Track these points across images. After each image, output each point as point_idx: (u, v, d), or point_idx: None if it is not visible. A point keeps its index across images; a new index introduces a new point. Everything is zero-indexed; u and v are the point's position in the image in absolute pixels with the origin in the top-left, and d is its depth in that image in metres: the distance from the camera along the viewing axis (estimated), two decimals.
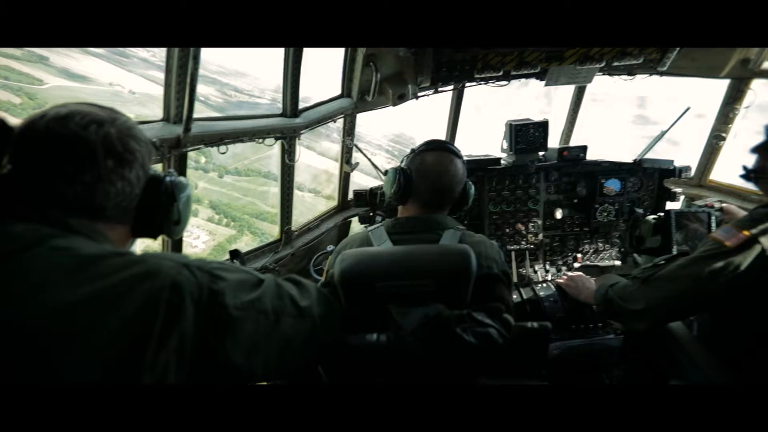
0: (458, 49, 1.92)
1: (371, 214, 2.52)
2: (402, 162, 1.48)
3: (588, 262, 2.66)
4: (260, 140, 1.98)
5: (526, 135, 2.35)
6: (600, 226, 2.56)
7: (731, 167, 1.57)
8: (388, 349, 1.03)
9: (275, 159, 2.32)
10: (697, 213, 2.02)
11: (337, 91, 2.35)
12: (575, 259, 2.65)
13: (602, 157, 2.48)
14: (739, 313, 1.39)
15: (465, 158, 2.57)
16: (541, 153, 2.47)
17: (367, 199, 2.36)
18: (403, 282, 1.06)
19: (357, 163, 2.74)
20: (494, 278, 1.26)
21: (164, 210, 0.86)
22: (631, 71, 2.23)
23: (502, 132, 2.53)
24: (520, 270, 2.58)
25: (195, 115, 1.62)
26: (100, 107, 0.79)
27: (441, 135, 3.03)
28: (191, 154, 1.74)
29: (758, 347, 1.34)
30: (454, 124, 2.84)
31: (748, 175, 1.49)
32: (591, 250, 2.65)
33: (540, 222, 2.59)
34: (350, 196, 2.72)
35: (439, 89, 2.41)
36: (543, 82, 2.22)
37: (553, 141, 2.87)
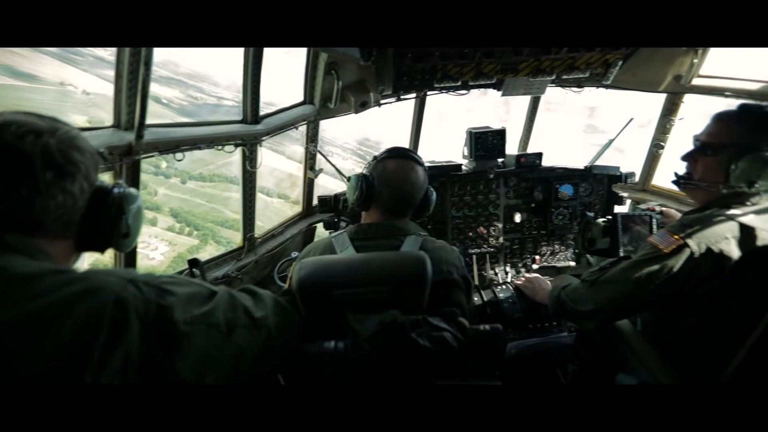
0: (417, 60, 1.98)
1: (336, 219, 2.53)
2: (364, 169, 1.50)
3: (546, 263, 2.78)
4: (219, 147, 1.95)
5: (485, 142, 2.44)
6: (556, 229, 2.69)
7: (670, 173, 1.71)
8: (345, 357, 1.05)
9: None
10: (640, 216, 2.18)
11: (300, 98, 2.36)
12: (534, 261, 2.77)
13: (556, 164, 2.62)
14: (673, 309, 1.52)
15: (428, 164, 2.63)
16: (500, 159, 2.57)
17: (332, 205, 2.37)
18: (360, 289, 1.08)
19: (321, 169, 2.74)
20: (452, 283, 1.30)
21: (111, 223, 0.83)
22: (579, 84, 2.37)
23: (464, 139, 2.61)
24: (482, 273, 2.66)
25: (151, 121, 1.58)
26: (40, 116, 0.75)
27: (408, 139, 3.09)
28: (150, 159, 1.69)
29: (689, 340, 1.47)
30: (417, 131, 2.90)
31: (678, 181, 1.63)
32: (548, 252, 2.78)
33: (500, 226, 2.69)
34: (315, 201, 2.72)
35: (402, 97, 2.46)
36: (500, 92, 2.32)
37: (512, 148, 3.00)
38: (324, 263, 1.14)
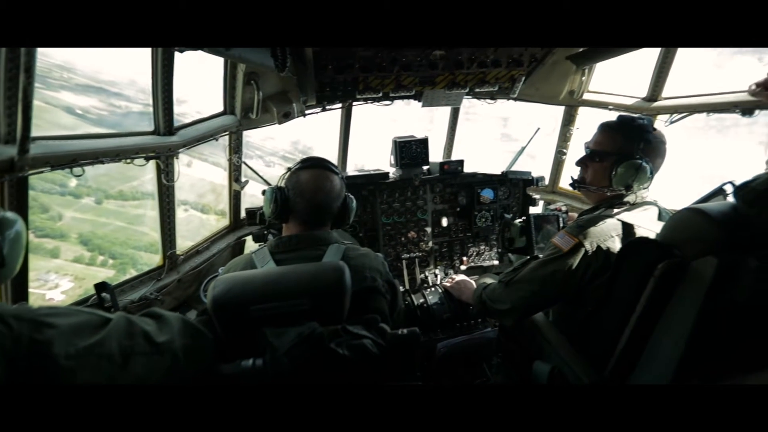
0: (338, 71, 2.01)
1: (266, 232, 2.46)
2: (280, 180, 1.49)
3: (473, 264, 2.95)
4: (128, 161, 1.80)
5: (409, 151, 2.54)
6: (480, 231, 2.87)
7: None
8: (264, 373, 1.02)
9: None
10: (549, 216, 2.41)
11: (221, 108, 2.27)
12: (461, 262, 2.92)
13: (477, 170, 2.80)
14: (574, 301, 1.70)
15: (356, 173, 2.68)
16: (425, 167, 2.69)
17: (260, 217, 2.31)
18: (278, 303, 1.06)
19: (247, 181, 2.65)
20: (373, 291, 1.34)
21: None
22: (492, 96, 2.58)
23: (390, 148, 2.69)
24: (413, 277, 2.75)
25: (44, 133, 1.42)
26: None
27: (337, 149, 3.10)
28: (55, 176, 1.51)
29: (587, 326, 1.65)
30: (345, 140, 2.93)
31: (573, 184, 1.84)
32: (474, 253, 2.95)
33: (429, 230, 2.80)
34: (243, 214, 2.63)
35: (327, 108, 2.48)
36: (421, 103, 2.44)
37: (437, 155, 3.16)
38: (240, 279, 1.11)
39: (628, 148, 1.62)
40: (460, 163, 2.70)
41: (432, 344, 2.23)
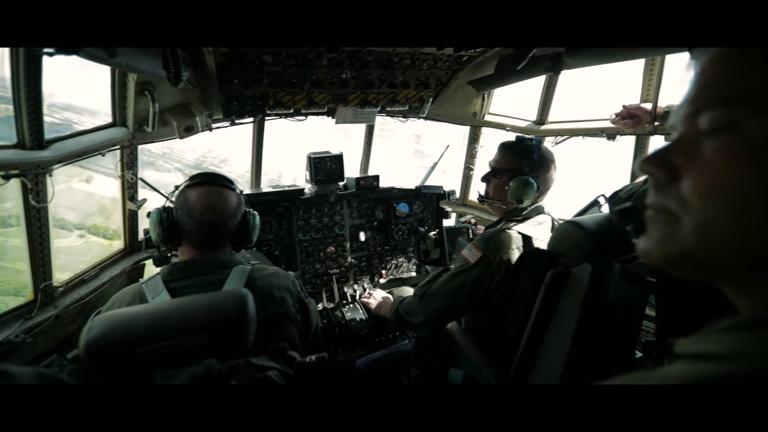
0: (246, 86, 1.93)
1: (169, 254, 2.24)
2: (168, 200, 1.37)
3: (392, 276, 3.00)
4: None
5: (324, 167, 2.53)
6: (397, 244, 2.95)
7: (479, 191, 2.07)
8: None
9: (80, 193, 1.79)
10: (460, 228, 2.56)
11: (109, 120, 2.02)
12: (381, 276, 2.96)
13: (393, 185, 2.88)
14: (482, 310, 1.82)
15: (271, 189, 2.57)
16: (341, 183, 2.69)
17: (147, 242, 2.09)
18: (171, 342, 0.96)
19: (145, 200, 2.39)
20: (282, 316, 1.28)
21: None
22: (404, 114, 2.69)
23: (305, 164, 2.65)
24: (332, 293, 2.71)
25: None
26: None
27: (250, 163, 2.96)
28: None
29: (493, 333, 1.78)
30: (258, 155, 2.81)
31: (480, 198, 2.00)
32: (393, 266, 3.01)
33: (348, 245, 2.80)
34: (142, 235, 2.36)
35: (236, 122, 2.36)
36: (334, 120, 2.44)
37: (354, 171, 3.19)
38: (122, 318, 0.98)
39: (518, 165, 1.80)
40: (376, 178, 2.75)
41: (351, 362, 2.21)
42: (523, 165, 1.79)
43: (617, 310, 1.50)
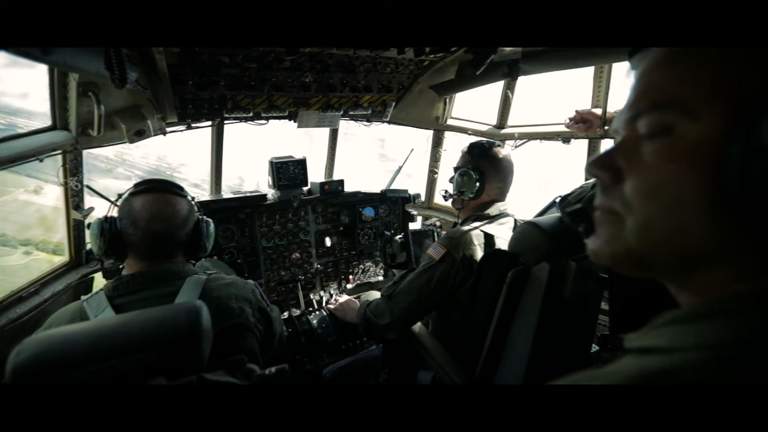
0: (202, 88, 1.85)
1: (121, 266, 2.10)
2: (110, 209, 1.29)
3: (359, 281, 2.98)
4: None
5: (287, 172, 2.47)
6: (364, 249, 2.92)
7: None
8: None
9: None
10: (426, 231, 2.58)
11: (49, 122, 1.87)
12: (348, 281, 2.93)
13: (358, 189, 2.86)
14: (448, 310, 1.84)
15: (232, 195, 2.48)
16: (305, 188, 2.64)
17: (86, 256, 1.95)
18: (112, 362, 0.89)
19: (92, 208, 2.23)
20: (240, 327, 1.23)
21: None
22: (368, 119, 2.68)
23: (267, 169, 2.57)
24: (297, 301, 2.64)
25: None
26: None
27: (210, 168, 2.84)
28: None
29: (459, 332, 1.80)
30: (218, 160, 2.70)
31: (446, 197, 2.06)
32: (360, 271, 2.99)
33: (314, 251, 2.75)
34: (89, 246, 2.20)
35: (193, 126, 2.25)
36: (296, 124, 2.39)
37: (318, 175, 3.14)
38: (56, 338, 0.89)
39: (464, 162, 1.92)
40: (341, 183, 2.72)
41: (318, 371, 2.16)
42: (467, 161, 1.91)
43: (575, 307, 1.56)
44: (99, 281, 2.37)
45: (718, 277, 0.42)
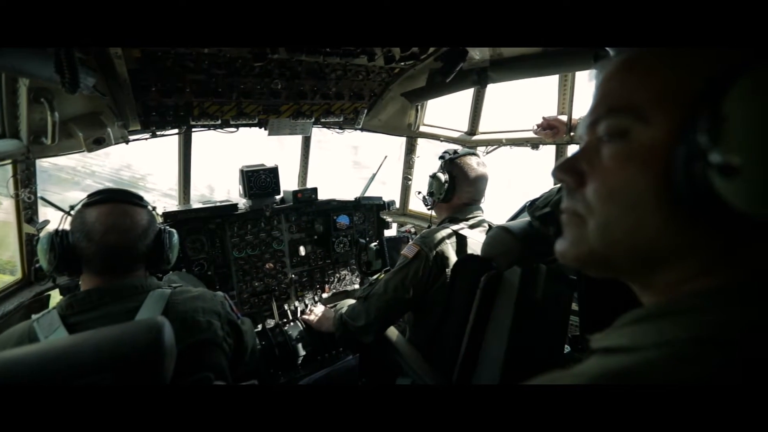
0: (166, 95, 1.78)
1: (79, 282, 1.97)
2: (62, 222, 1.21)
3: (335, 290, 2.93)
4: None
5: (258, 180, 2.41)
6: (339, 257, 2.88)
7: (420, 200, 2.17)
8: None
9: None
10: (401, 237, 2.58)
11: None
12: (324, 290, 2.87)
13: (332, 197, 2.83)
14: (423, 313, 1.84)
15: (202, 205, 2.40)
16: (278, 196, 2.59)
17: (36, 273, 1.84)
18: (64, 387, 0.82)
19: (47, 221, 2.10)
20: (207, 343, 1.17)
21: None
22: (340, 126, 2.66)
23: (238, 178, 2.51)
24: (271, 312, 2.57)
25: None
26: None
27: (177, 178, 2.74)
28: None
29: (434, 336, 1.80)
30: (186, 169, 2.61)
31: (424, 200, 2.08)
32: (336, 279, 2.94)
33: (288, 261, 2.68)
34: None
35: (158, 134, 2.17)
36: (267, 131, 2.35)
37: (291, 184, 3.09)
38: None
39: (440, 168, 1.98)
40: (314, 191, 2.68)
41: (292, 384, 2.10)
42: (440, 166, 1.98)
43: (547, 309, 1.58)
44: (56, 299, 2.23)
45: (675, 276, 0.43)
